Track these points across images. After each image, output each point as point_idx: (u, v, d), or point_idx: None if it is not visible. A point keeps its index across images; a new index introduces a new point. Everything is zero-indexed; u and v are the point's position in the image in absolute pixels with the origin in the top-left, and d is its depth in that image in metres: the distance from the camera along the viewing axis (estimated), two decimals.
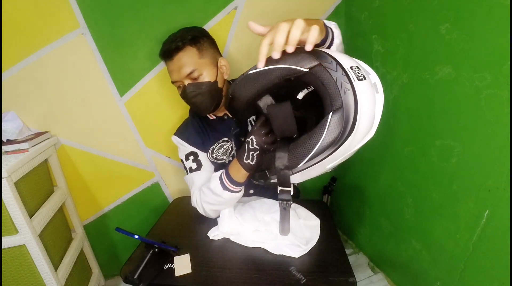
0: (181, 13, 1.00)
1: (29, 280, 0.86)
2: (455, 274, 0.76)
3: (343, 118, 0.43)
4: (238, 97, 0.54)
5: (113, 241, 1.27)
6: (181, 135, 0.92)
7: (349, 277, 0.64)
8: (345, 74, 0.43)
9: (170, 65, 0.83)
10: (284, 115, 0.52)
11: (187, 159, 0.90)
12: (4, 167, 0.74)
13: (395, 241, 1.01)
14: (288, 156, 0.51)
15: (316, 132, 0.46)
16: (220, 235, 0.79)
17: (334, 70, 0.43)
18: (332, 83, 0.43)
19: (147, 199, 1.22)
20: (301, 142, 0.49)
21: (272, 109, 0.53)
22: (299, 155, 0.49)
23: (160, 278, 0.66)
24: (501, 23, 0.57)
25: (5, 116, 0.95)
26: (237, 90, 0.53)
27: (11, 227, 0.79)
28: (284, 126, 0.53)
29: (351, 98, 0.42)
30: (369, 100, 0.45)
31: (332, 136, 0.44)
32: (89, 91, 1.02)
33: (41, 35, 0.93)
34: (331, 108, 0.44)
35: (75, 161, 1.10)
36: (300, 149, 0.48)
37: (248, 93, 0.52)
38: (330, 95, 0.44)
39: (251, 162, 0.64)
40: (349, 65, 0.45)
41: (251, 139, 0.62)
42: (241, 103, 0.54)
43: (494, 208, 0.64)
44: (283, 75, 0.47)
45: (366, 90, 0.44)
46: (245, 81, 0.52)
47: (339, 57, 0.46)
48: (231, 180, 0.71)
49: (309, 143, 0.47)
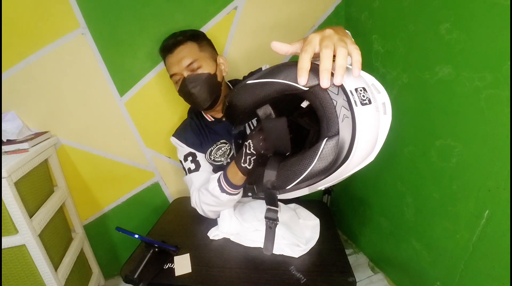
0: (181, 13, 1.00)
1: (29, 280, 0.86)
2: (455, 274, 0.76)
3: (337, 147, 0.40)
4: (235, 106, 0.52)
5: (113, 241, 1.27)
6: (180, 136, 0.93)
7: (349, 277, 0.64)
8: (347, 99, 0.40)
9: (170, 58, 0.83)
10: (278, 132, 0.50)
11: (185, 160, 0.90)
12: (4, 167, 0.74)
13: (395, 241, 1.01)
14: (277, 176, 0.48)
15: (306, 157, 0.43)
16: (220, 235, 0.79)
17: (335, 93, 0.40)
18: (330, 107, 0.40)
19: (147, 199, 1.22)
20: (290, 165, 0.46)
21: (267, 123, 0.51)
22: (287, 178, 0.46)
23: (160, 277, 0.66)
24: (501, 23, 0.57)
25: (5, 116, 0.95)
26: (234, 98, 0.51)
27: (11, 227, 0.79)
28: (278, 142, 0.51)
29: (348, 127, 0.39)
30: (371, 126, 0.42)
31: (323, 164, 0.41)
32: (89, 91, 1.02)
33: (41, 35, 0.93)
34: (326, 133, 0.41)
35: (75, 161, 1.10)
36: (289, 172, 0.46)
37: (245, 103, 0.50)
38: (327, 119, 0.40)
39: (248, 166, 0.63)
40: (354, 86, 0.41)
41: (248, 144, 0.61)
42: (238, 112, 0.53)
43: (494, 208, 0.64)
44: (281, 90, 0.44)
45: (369, 116, 0.41)
46: (242, 90, 0.50)
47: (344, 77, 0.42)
48: (229, 183, 0.71)
49: (298, 168, 0.44)
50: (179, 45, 0.82)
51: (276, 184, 0.48)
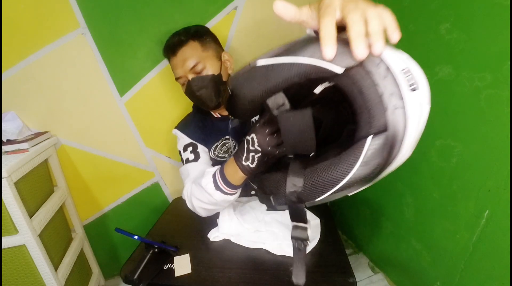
0: (181, 13, 1.00)
1: (29, 280, 0.86)
2: (455, 274, 0.76)
3: (386, 147, 0.31)
4: (240, 95, 0.40)
5: (113, 241, 1.27)
6: (182, 128, 0.90)
7: (349, 277, 0.64)
8: (397, 85, 0.30)
9: (174, 60, 0.83)
10: (302, 128, 0.38)
11: (185, 150, 0.86)
12: (4, 167, 0.74)
13: (395, 241, 1.01)
14: (304, 185, 0.38)
15: (344, 161, 0.33)
16: (221, 236, 0.78)
17: (382, 76, 0.30)
18: (375, 96, 0.30)
19: (147, 199, 1.22)
20: (321, 171, 0.36)
21: (286, 117, 0.39)
22: (317, 188, 0.37)
23: (160, 278, 0.66)
24: (501, 23, 0.57)
25: (5, 116, 0.95)
26: (239, 86, 0.40)
27: (11, 227, 0.79)
28: (299, 141, 0.40)
29: (401, 120, 0.30)
30: (422, 118, 0.32)
31: (368, 169, 0.32)
32: (89, 91, 1.02)
33: (41, 35, 0.93)
34: (369, 129, 0.31)
35: (75, 161, 1.10)
36: (320, 181, 0.36)
37: (254, 92, 0.38)
38: (370, 112, 0.31)
39: (251, 164, 0.52)
40: (400, 67, 0.31)
41: (251, 139, 0.51)
42: (243, 103, 0.41)
43: (494, 208, 0.64)
44: (305, 74, 0.33)
45: (418, 105, 0.31)
46: (251, 75, 0.38)
47: (389, 54, 0.31)
48: (226, 181, 0.61)
49: (332, 175, 0.34)
50: (181, 46, 0.81)
51: (303, 195, 0.38)
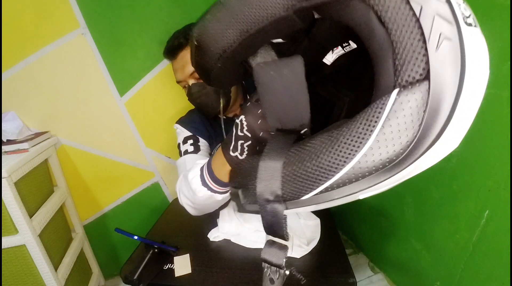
0: (181, 13, 0.99)
1: (29, 280, 0.86)
2: (455, 274, 0.76)
3: (425, 105, 0.18)
4: (206, 47, 0.28)
5: (113, 241, 1.27)
6: (184, 122, 0.86)
7: (349, 277, 0.64)
8: (448, 3, 0.18)
9: (174, 64, 0.82)
10: (289, 86, 0.26)
11: (184, 142, 0.80)
12: (4, 167, 0.74)
13: (395, 241, 1.01)
14: (283, 175, 0.24)
15: (349, 133, 0.21)
16: (221, 236, 0.78)
17: None
18: (408, 22, 0.18)
19: (147, 199, 1.22)
20: (310, 151, 0.23)
21: (264, 70, 0.27)
22: (302, 178, 0.23)
23: (160, 278, 0.66)
24: (501, 23, 0.57)
25: (5, 116, 0.95)
26: (204, 32, 0.28)
27: (11, 227, 0.79)
28: (285, 107, 0.27)
29: (452, 58, 0.18)
30: (484, 68, 0.19)
31: (390, 150, 0.19)
32: (89, 91, 1.02)
33: (41, 35, 0.93)
34: (395, 76, 0.19)
35: (75, 161, 1.10)
36: (306, 166, 0.23)
37: (223, 39, 0.27)
38: (398, 44, 0.19)
39: (240, 155, 0.38)
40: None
41: (240, 121, 0.37)
42: (212, 59, 0.29)
43: (494, 208, 0.64)
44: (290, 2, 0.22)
45: (480, 46, 0.19)
46: (218, 14, 0.27)
47: None
48: (212, 176, 0.48)
49: (328, 158, 0.22)
50: (181, 49, 0.79)
51: (282, 191, 0.25)
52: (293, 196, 0.24)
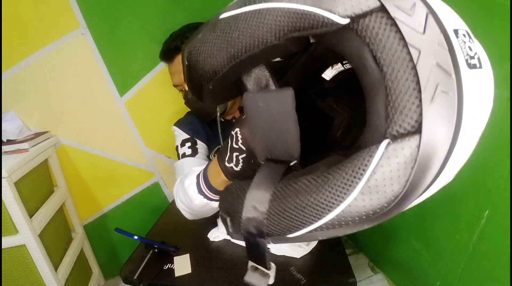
0: (181, 13, 0.99)
1: (29, 280, 0.86)
2: (455, 274, 0.76)
3: (416, 163, 0.17)
4: (197, 67, 0.28)
5: (113, 241, 1.27)
6: (183, 125, 0.85)
7: (349, 277, 0.64)
8: (447, 44, 0.17)
9: (171, 68, 0.81)
10: (278, 118, 0.25)
11: (182, 145, 0.80)
12: (4, 167, 0.74)
13: (395, 241, 1.01)
14: (269, 211, 0.24)
15: (336, 181, 0.20)
16: (221, 236, 0.78)
17: (420, 27, 0.17)
18: (403, 65, 0.17)
19: (147, 199, 1.22)
20: (297, 192, 0.23)
21: (253, 100, 0.27)
22: (286, 219, 0.23)
23: (160, 278, 0.66)
24: (501, 23, 0.57)
25: (5, 116, 0.95)
26: (194, 52, 0.27)
27: (11, 227, 0.79)
28: (273, 139, 0.27)
29: (447, 114, 0.17)
30: (483, 112, 0.20)
31: (374, 201, 0.19)
32: (89, 91, 1.02)
33: (41, 35, 0.93)
34: (385, 126, 0.18)
35: (75, 161, 1.10)
36: (291, 207, 0.23)
37: (214, 62, 0.26)
38: (392, 94, 0.18)
39: (235, 166, 0.38)
40: (453, 26, 0.18)
41: (235, 134, 0.37)
42: (204, 79, 0.28)
43: (494, 208, 0.64)
44: (285, 27, 0.21)
45: (483, 90, 0.19)
46: (210, 36, 0.26)
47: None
48: (208, 184, 0.49)
49: (313, 200, 0.21)
50: (177, 53, 0.78)
51: (265, 226, 0.24)
52: (277, 233, 0.24)
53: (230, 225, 0.29)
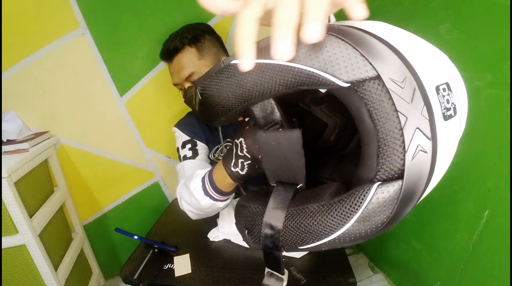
0: (181, 13, 0.99)
1: (29, 280, 0.86)
2: (455, 274, 0.76)
3: (399, 199, 0.22)
4: (210, 102, 0.31)
5: (113, 241, 1.27)
6: (183, 126, 0.86)
7: (349, 277, 0.64)
8: (428, 113, 0.21)
9: (170, 67, 0.82)
10: (287, 154, 0.30)
11: (183, 147, 0.82)
12: (4, 167, 0.74)
13: (395, 241, 1.01)
14: (284, 228, 0.29)
15: (337, 211, 0.25)
16: (221, 236, 0.78)
17: (407, 100, 0.21)
18: (392, 127, 0.21)
19: (147, 199, 1.22)
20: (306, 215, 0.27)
21: (266, 139, 0.30)
22: (300, 235, 0.28)
23: (160, 278, 0.66)
24: (501, 23, 0.57)
25: (5, 116, 0.95)
26: (208, 90, 0.30)
27: (11, 227, 0.79)
28: (283, 170, 0.31)
29: (425, 168, 0.21)
30: (451, 152, 0.25)
31: (367, 226, 0.24)
32: (89, 91, 1.02)
33: (41, 35, 0.93)
34: (376, 172, 0.23)
35: (75, 161, 1.10)
36: (302, 227, 0.27)
37: (225, 101, 0.29)
38: (382, 149, 0.22)
39: (241, 171, 0.45)
40: (435, 82, 0.23)
41: (240, 143, 0.43)
42: (216, 112, 0.31)
43: (494, 208, 0.64)
44: (298, 83, 0.24)
45: (452, 137, 0.24)
46: (221, 77, 0.28)
47: (419, 63, 0.22)
48: (214, 187, 0.55)
49: (320, 224, 0.26)
50: (177, 52, 0.78)
51: (282, 242, 0.29)
52: (290, 246, 0.29)
53: (248, 237, 0.34)
